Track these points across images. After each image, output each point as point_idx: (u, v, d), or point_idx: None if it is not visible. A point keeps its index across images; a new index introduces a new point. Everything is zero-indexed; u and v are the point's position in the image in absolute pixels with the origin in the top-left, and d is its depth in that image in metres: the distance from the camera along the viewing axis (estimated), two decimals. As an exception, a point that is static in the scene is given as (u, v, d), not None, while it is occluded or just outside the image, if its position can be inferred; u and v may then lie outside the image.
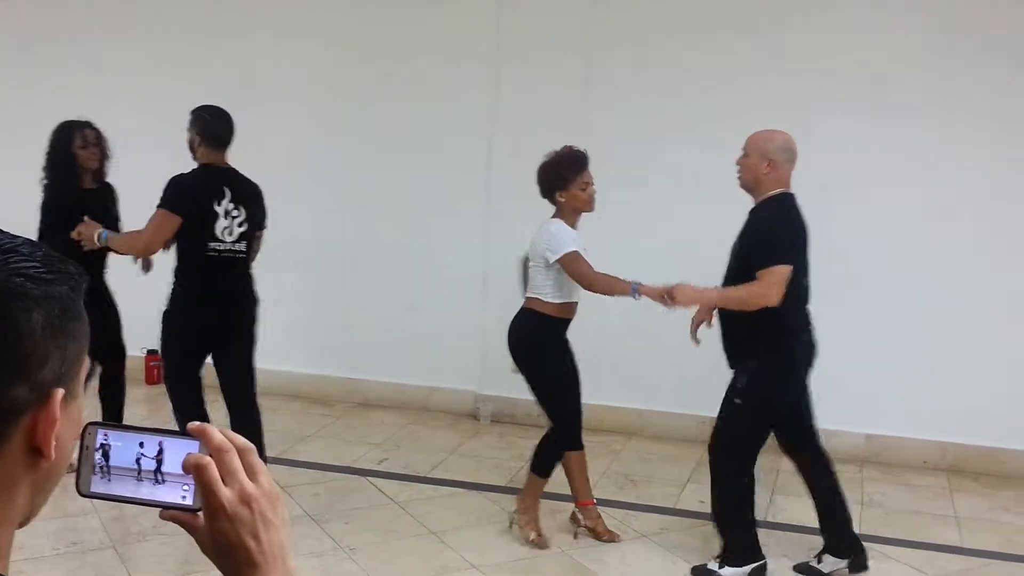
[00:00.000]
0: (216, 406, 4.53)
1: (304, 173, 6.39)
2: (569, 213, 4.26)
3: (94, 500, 0.96)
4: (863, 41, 5.49)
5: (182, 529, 0.98)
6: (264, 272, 4.69)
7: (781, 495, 4.95)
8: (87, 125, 4.91)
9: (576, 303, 4.34)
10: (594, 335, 6.05)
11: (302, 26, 6.41)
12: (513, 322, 4.38)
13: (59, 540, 4.12)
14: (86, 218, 4.58)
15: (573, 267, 4.16)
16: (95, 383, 4.89)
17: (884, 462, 5.57)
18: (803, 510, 4.38)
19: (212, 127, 4.35)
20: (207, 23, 6.56)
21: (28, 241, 0.86)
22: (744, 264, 3.90)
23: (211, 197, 4.29)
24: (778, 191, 3.92)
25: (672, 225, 5.76)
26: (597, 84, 5.85)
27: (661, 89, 5.81)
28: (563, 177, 4.22)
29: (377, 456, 5.53)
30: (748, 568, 4.04)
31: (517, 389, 6.10)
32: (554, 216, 4.29)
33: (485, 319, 6.19)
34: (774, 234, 3.88)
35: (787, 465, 4.41)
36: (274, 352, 6.51)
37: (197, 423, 0.98)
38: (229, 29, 6.53)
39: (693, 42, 5.75)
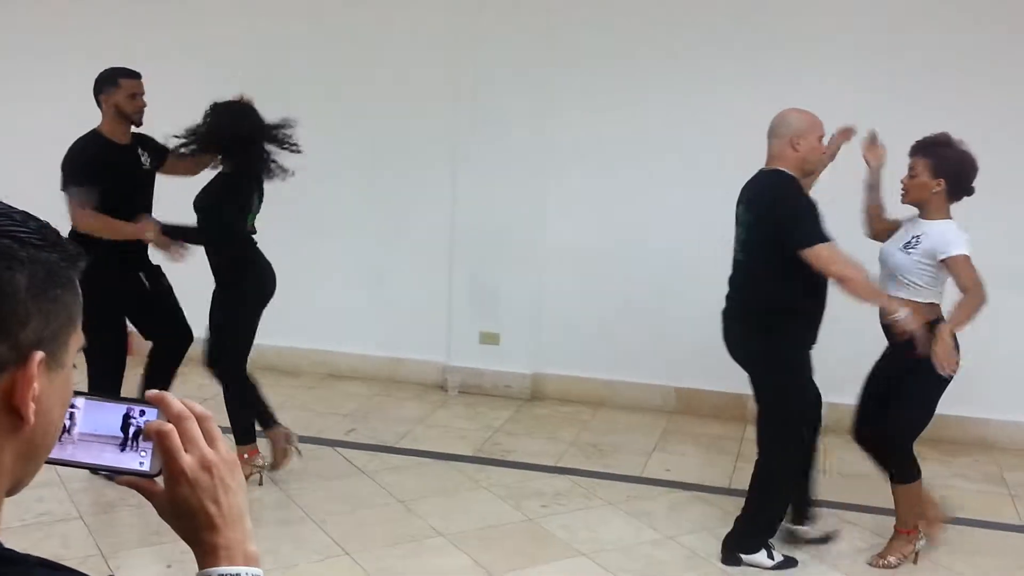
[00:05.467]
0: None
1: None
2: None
3: (59, 471, 0.98)
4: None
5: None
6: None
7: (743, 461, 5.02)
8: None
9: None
10: (565, 308, 6.12)
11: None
12: None
13: (26, 511, 4.08)
14: None
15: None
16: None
17: (844, 429, 5.64)
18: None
19: None
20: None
21: (26, 213, 0.87)
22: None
23: None
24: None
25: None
26: (562, 47, 5.84)
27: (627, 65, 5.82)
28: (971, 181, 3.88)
29: (345, 426, 5.56)
30: None
31: (484, 360, 6.19)
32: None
33: (452, 290, 6.20)
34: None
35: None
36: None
37: (155, 391, 1.01)
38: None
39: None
